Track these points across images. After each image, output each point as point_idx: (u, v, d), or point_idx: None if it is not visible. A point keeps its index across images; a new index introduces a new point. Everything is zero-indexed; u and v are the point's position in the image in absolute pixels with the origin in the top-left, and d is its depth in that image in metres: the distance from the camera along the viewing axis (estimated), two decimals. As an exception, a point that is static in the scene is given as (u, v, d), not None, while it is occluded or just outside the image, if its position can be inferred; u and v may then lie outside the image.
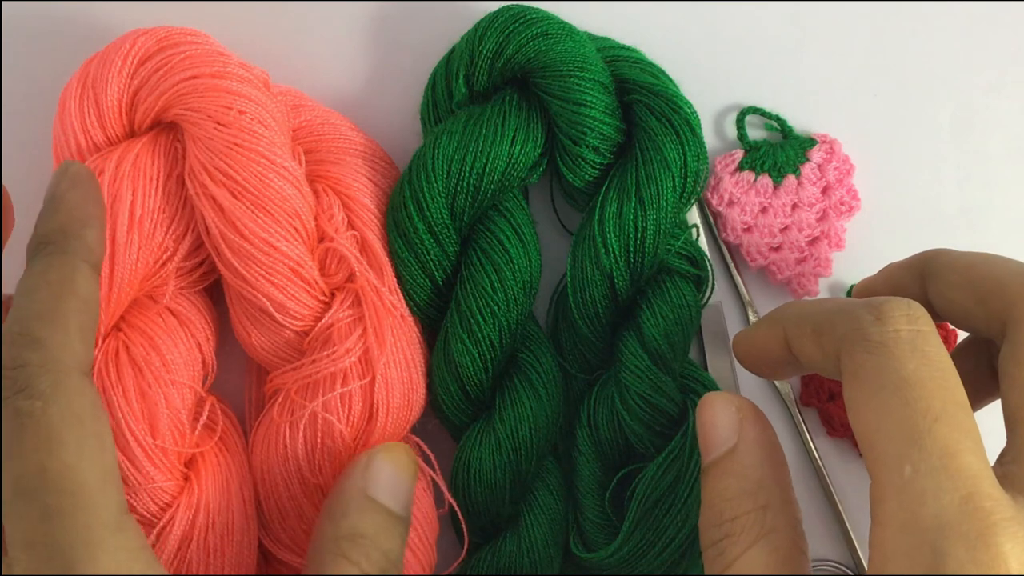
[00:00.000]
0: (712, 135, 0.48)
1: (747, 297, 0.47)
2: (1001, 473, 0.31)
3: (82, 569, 0.30)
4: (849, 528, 0.45)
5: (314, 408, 0.40)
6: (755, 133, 0.48)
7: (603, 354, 0.44)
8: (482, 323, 0.42)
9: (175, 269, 0.41)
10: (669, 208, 0.42)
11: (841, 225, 0.47)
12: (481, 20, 0.44)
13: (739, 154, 0.48)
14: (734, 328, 0.47)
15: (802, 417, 0.46)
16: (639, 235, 0.42)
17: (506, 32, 0.43)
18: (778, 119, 0.48)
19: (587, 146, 0.43)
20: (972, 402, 0.31)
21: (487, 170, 0.42)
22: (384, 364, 0.40)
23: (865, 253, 0.48)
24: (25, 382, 0.32)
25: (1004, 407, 0.33)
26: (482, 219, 0.43)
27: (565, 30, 0.43)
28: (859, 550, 0.45)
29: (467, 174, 0.42)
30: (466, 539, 0.42)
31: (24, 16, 0.48)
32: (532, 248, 0.43)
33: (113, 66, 0.41)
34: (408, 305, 0.43)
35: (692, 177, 0.43)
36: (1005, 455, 0.32)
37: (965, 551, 0.28)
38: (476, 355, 0.42)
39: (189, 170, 0.40)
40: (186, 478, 0.40)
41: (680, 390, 0.42)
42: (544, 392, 0.43)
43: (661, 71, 0.45)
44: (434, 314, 0.43)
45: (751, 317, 0.47)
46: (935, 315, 0.36)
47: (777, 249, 0.47)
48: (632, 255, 0.42)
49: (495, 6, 0.44)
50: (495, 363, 0.42)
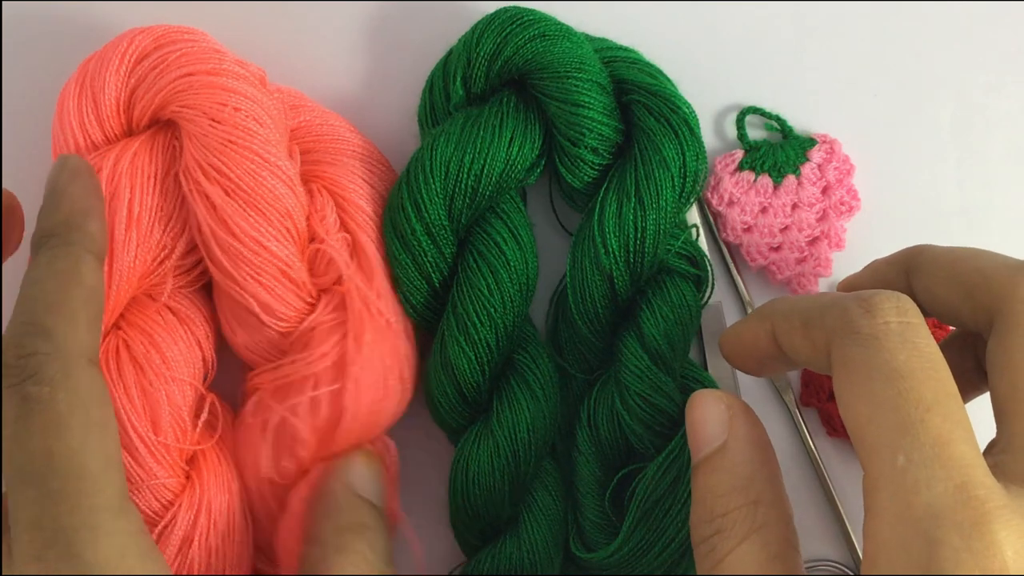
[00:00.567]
0: (712, 135, 0.48)
1: (747, 297, 0.47)
2: (992, 463, 0.30)
3: (81, 550, 0.31)
4: (849, 528, 0.45)
5: (283, 410, 0.39)
6: (755, 133, 0.48)
7: (603, 354, 0.44)
8: (478, 325, 0.42)
9: (173, 267, 0.41)
10: (669, 208, 0.42)
11: (841, 225, 0.47)
12: (478, 22, 0.44)
13: (739, 154, 0.48)
14: (734, 328, 0.47)
15: (802, 417, 0.46)
16: (639, 235, 0.42)
17: (503, 34, 0.43)
18: (778, 119, 0.48)
19: (586, 147, 0.42)
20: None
21: (485, 171, 0.42)
22: (357, 370, 0.39)
23: (865, 253, 0.47)
24: (34, 369, 0.32)
25: (993, 398, 0.33)
26: (479, 221, 0.43)
27: (562, 31, 0.43)
28: (859, 550, 0.45)
29: (465, 175, 0.42)
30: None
31: (24, 16, 0.48)
32: (529, 250, 0.43)
33: (110, 65, 0.41)
34: (405, 308, 0.42)
35: (691, 177, 0.42)
36: (995, 445, 0.32)
37: (960, 539, 0.28)
38: (472, 357, 0.42)
39: (184, 167, 0.40)
40: (188, 476, 0.40)
41: (680, 390, 0.42)
42: (541, 393, 0.43)
43: (659, 71, 0.45)
44: (431, 316, 0.43)
45: (751, 317, 0.47)
46: (922, 310, 0.36)
47: (777, 249, 0.47)
48: (632, 255, 0.42)
49: (494, 6, 0.44)
50: (492, 365, 0.42)
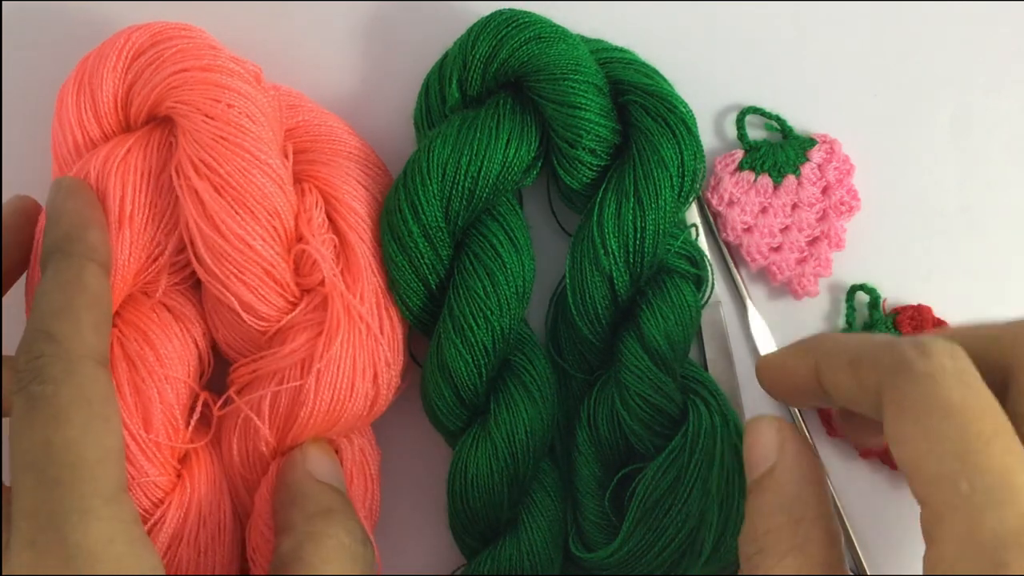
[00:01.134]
0: (712, 135, 0.48)
1: (747, 297, 0.47)
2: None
3: (70, 533, 0.32)
4: (850, 528, 0.45)
5: (244, 405, 0.40)
6: (755, 133, 0.48)
7: (603, 355, 0.44)
8: (475, 328, 0.42)
9: (168, 264, 0.41)
10: (668, 208, 0.42)
11: (841, 225, 0.47)
12: (474, 25, 0.44)
13: (739, 154, 0.48)
14: (734, 328, 0.47)
15: (802, 417, 0.46)
16: (638, 235, 0.42)
17: (499, 37, 0.43)
18: (778, 119, 0.48)
19: (583, 148, 0.43)
20: None
21: (482, 173, 0.42)
22: (321, 367, 0.39)
23: (865, 253, 0.48)
24: (39, 370, 0.34)
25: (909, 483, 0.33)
26: (475, 224, 0.43)
27: (558, 33, 0.43)
28: (859, 550, 0.45)
29: (462, 177, 0.42)
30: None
31: (24, 16, 0.48)
32: (525, 253, 0.43)
33: (108, 61, 0.41)
34: (401, 311, 0.43)
35: (690, 176, 0.43)
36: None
37: None
38: (469, 360, 0.42)
39: (177, 163, 0.40)
40: (179, 475, 0.40)
41: (680, 390, 0.42)
42: (539, 395, 0.43)
43: (655, 71, 0.45)
44: (428, 319, 0.43)
45: (751, 317, 0.47)
46: (829, 399, 0.36)
47: (777, 249, 0.47)
48: (631, 255, 0.42)
49: (490, 8, 0.44)
50: (488, 367, 0.42)
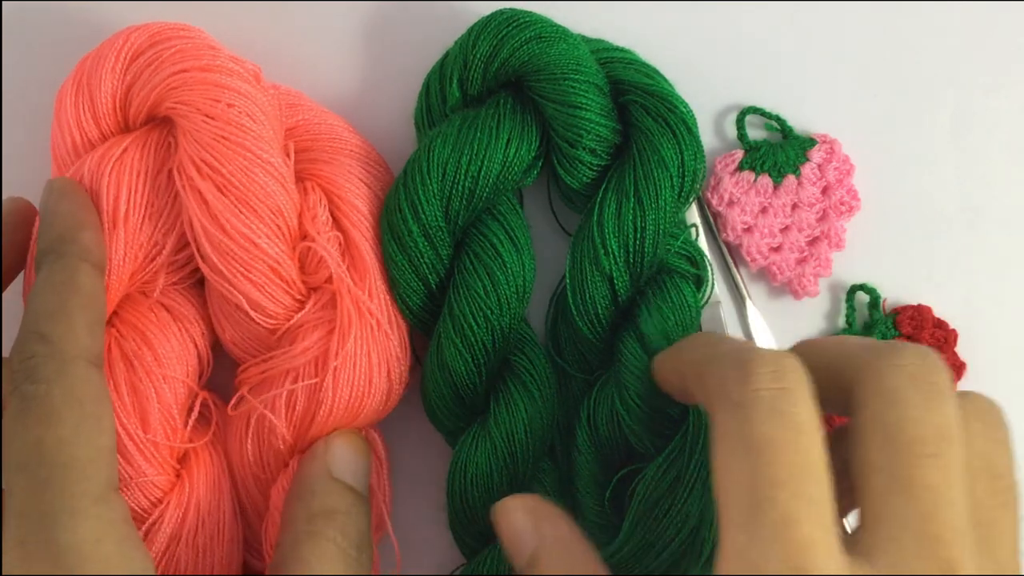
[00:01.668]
0: (712, 135, 0.48)
1: (747, 297, 0.47)
2: (851, 537, 0.31)
3: (59, 533, 0.32)
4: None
5: (261, 405, 0.40)
6: (755, 133, 0.48)
7: (603, 354, 0.44)
8: (475, 327, 0.42)
9: (165, 263, 0.41)
10: (668, 208, 0.42)
11: (841, 225, 0.47)
12: (474, 24, 0.43)
13: (739, 154, 0.48)
14: (734, 328, 0.47)
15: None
16: (638, 235, 0.42)
17: (499, 36, 0.43)
18: (778, 119, 0.48)
19: (584, 148, 0.42)
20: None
21: (482, 173, 0.42)
22: (337, 365, 0.40)
23: (865, 253, 0.48)
24: (32, 370, 0.34)
25: (851, 474, 0.33)
26: (476, 223, 0.43)
27: (558, 33, 0.43)
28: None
29: (462, 177, 0.42)
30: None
31: (24, 16, 0.48)
32: (526, 252, 0.43)
33: (106, 62, 0.41)
34: (401, 310, 0.42)
35: (690, 176, 0.42)
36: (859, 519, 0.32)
37: None
38: (469, 359, 0.42)
39: (178, 163, 0.40)
40: (178, 475, 0.40)
41: None
42: (539, 394, 0.43)
43: (656, 71, 0.45)
44: (427, 319, 0.43)
45: (750, 317, 0.47)
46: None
47: (777, 249, 0.47)
48: (632, 256, 0.42)
49: (492, 7, 0.44)
50: (488, 367, 0.42)
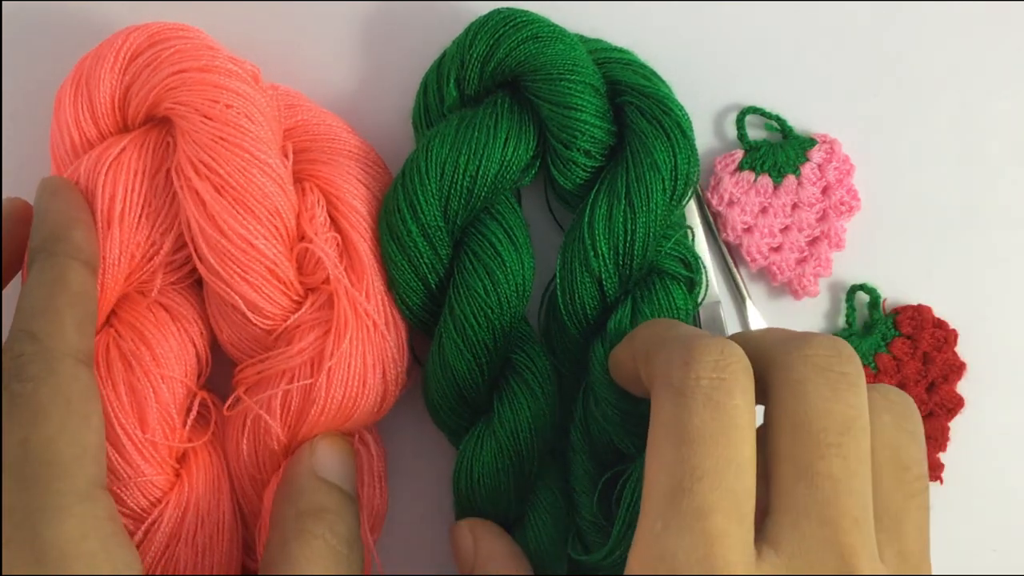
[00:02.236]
0: (712, 135, 0.48)
1: (747, 297, 0.47)
2: (760, 526, 0.31)
3: (43, 530, 0.32)
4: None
5: (256, 405, 0.40)
6: (755, 133, 0.48)
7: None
8: (476, 327, 0.42)
9: (163, 263, 0.41)
10: (659, 211, 0.42)
11: (841, 225, 0.47)
12: (471, 24, 0.43)
13: (739, 154, 0.48)
14: (734, 328, 0.47)
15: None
16: (628, 238, 0.42)
17: (496, 36, 0.43)
18: (778, 119, 0.48)
19: (578, 150, 0.42)
20: None
21: (480, 172, 0.42)
22: (332, 365, 0.40)
23: (865, 253, 0.48)
24: (19, 369, 0.34)
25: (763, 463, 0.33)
26: (474, 222, 0.43)
27: (555, 33, 0.43)
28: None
29: (460, 176, 0.42)
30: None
31: (24, 16, 0.48)
32: (525, 251, 0.43)
33: (105, 62, 0.41)
34: (401, 310, 0.43)
35: (683, 180, 0.42)
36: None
37: None
38: (471, 359, 0.42)
39: (176, 164, 0.40)
40: (177, 474, 0.40)
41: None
42: (541, 392, 0.43)
43: (653, 72, 0.45)
44: (428, 319, 0.43)
45: (750, 317, 0.47)
46: None
47: (777, 249, 0.47)
48: (621, 258, 0.42)
49: (489, 7, 0.44)
50: (490, 366, 0.42)
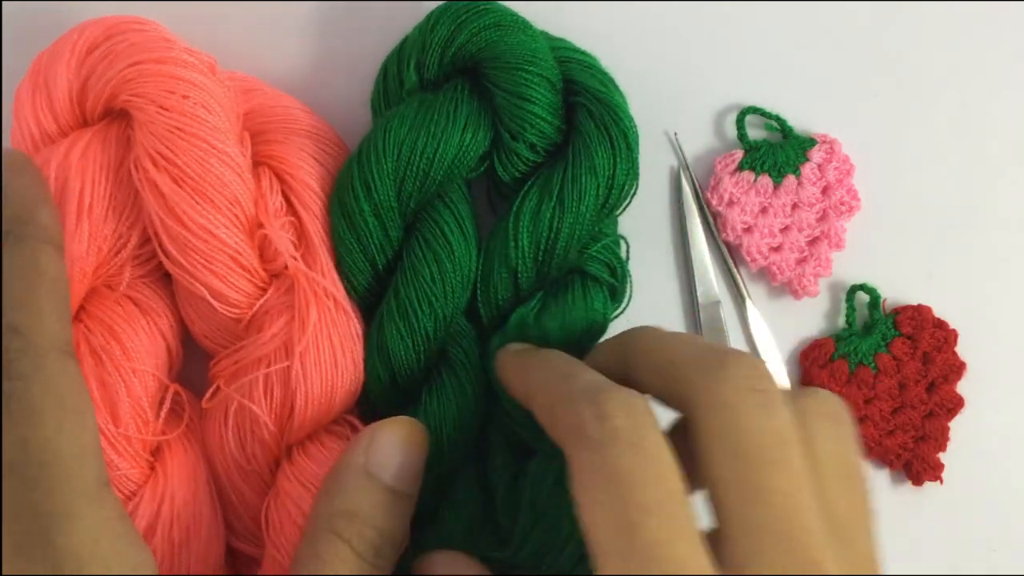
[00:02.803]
0: (712, 135, 0.49)
1: (747, 297, 0.47)
2: (718, 551, 0.31)
3: (55, 537, 0.32)
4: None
5: (236, 394, 0.40)
6: (755, 133, 0.49)
7: None
8: (419, 313, 0.41)
9: (130, 257, 0.41)
10: (588, 215, 0.42)
11: (841, 225, 0.47)
12: (435, 9, 0.43)
13: (739, 154, 0.48)
14: (733, 328, 0.47)
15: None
16: (552, 236, 0.42)
17: (458, 21, 0.42)
18: (778, 119, 0.48)
19: (524, 142, 0.42)
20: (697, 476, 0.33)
21: (437, 155, 0.41)
22: (303, 350, 0.40)
23: (865, 253, 0.48)
24: (7, 366, 0.33)
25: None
26: (427, 208, 0.43)
27: (518, 23, 0.43)
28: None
29: (417, 158, 0.41)
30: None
31: (24, 16, 0.48)
32: (472, 242, 0.43)
33: (62, 57, 0.41)
34: (346, 289, 0.42)
35: (618, 190, 0.42)
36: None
37: None
38: (410, 344, 0.42)
39: (135, 157, 0.40)
40: (152, 468, 0.40)
41: None
42: (471, 390, 0.42)
43: (611, 81, 0.44)
44: (372, 300, 0.43)
45: (750, 317, 0.47)
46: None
47: (777, 249, 0.47)
48: (541, 254, 0.42)
49: None
50: (428, 354, 0.42)
